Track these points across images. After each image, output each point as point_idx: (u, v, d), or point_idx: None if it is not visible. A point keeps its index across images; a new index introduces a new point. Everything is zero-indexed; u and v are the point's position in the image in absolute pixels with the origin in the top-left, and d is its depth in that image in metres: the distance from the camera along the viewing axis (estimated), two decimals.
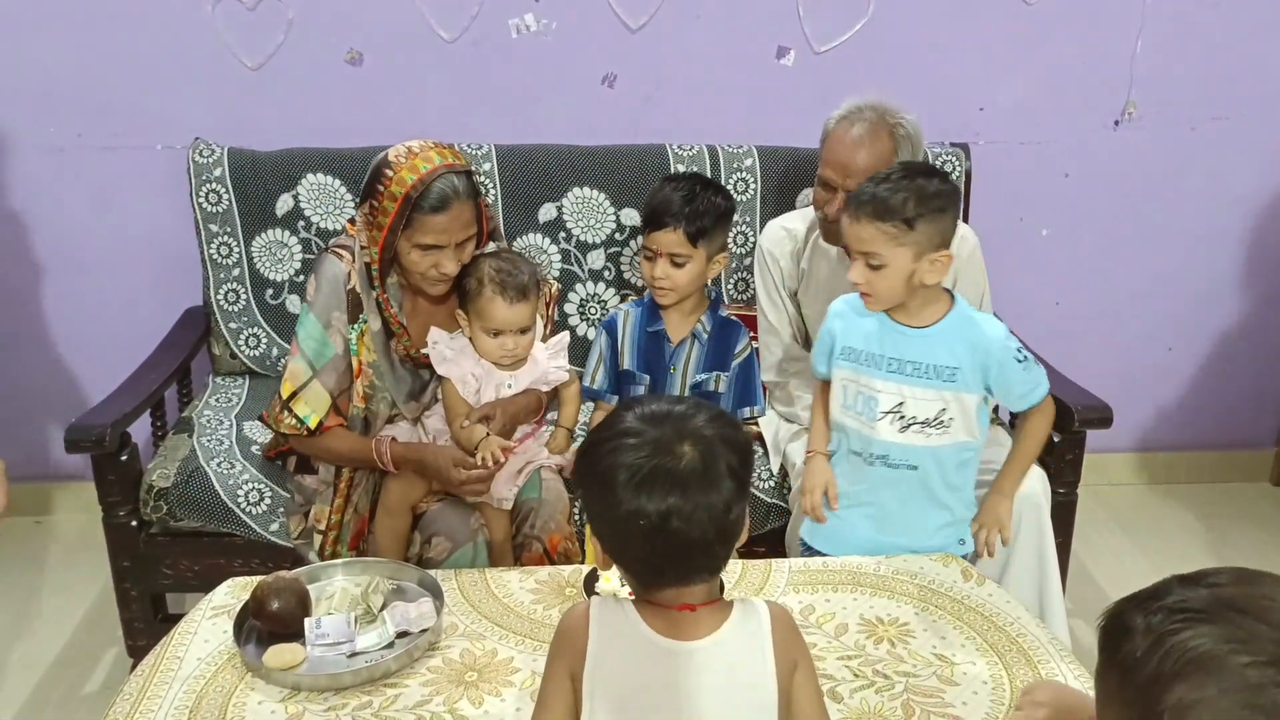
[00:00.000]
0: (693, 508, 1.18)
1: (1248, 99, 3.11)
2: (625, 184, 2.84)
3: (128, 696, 1.65)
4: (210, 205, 2.79)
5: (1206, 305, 3.32)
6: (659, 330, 2.36)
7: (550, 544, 2.22)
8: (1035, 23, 3.00)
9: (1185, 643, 0.79)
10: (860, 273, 1.94)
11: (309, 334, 2.15)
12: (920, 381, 1.98)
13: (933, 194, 1.90)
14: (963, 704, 1.63)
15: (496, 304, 2.13)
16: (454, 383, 2.18)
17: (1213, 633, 0.79)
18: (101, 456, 2.33)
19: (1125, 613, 0.87)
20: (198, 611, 1.85)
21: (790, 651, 1.31)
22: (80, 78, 2.90)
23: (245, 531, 2.41)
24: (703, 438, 1.21)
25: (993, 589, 1.92)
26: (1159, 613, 0.83)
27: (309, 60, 2.92)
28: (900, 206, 1.89)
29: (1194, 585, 0.86)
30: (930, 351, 1.98)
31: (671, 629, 1.26)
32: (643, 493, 1.18)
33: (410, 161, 2.06)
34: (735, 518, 1.23)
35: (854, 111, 2.30)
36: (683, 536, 1.18)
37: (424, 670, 1.71)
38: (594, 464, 1.23)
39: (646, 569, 1.25)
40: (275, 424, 2.19)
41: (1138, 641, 0.82)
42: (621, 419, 1.25)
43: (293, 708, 1.63)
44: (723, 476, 1.20)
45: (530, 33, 2.94)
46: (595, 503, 1.24)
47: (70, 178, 2.98)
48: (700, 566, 1.24)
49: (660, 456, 1.19)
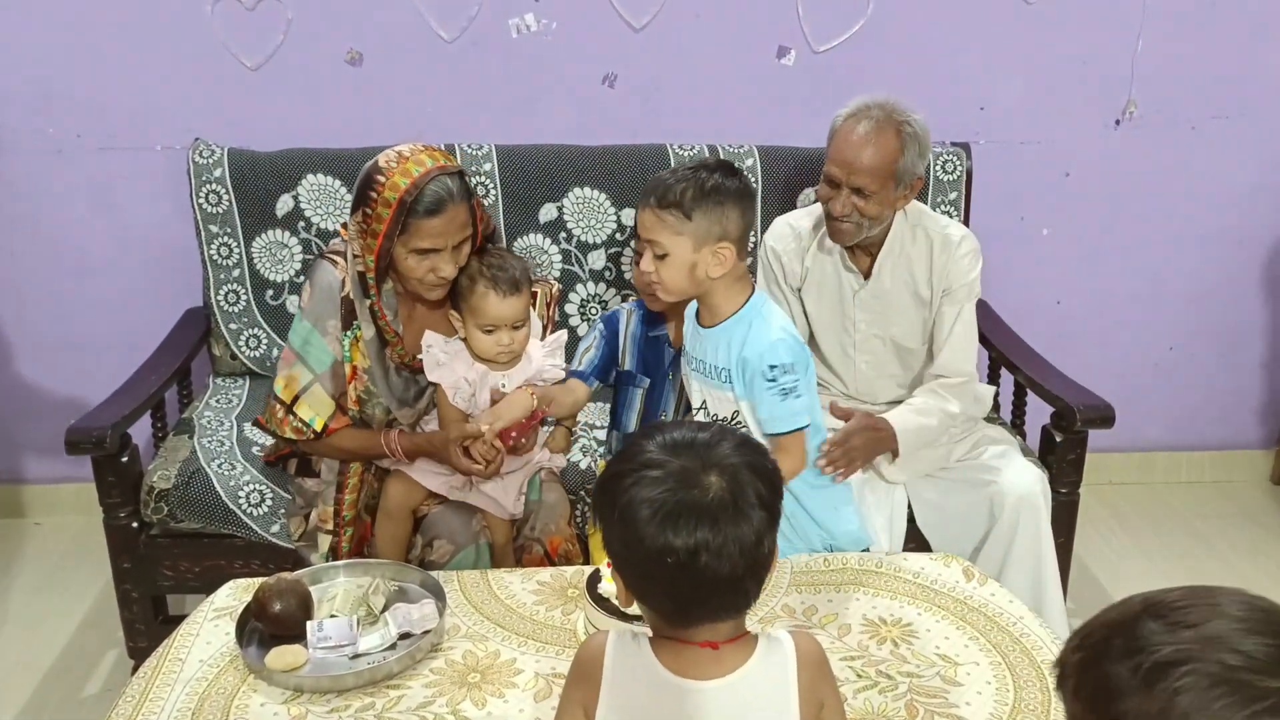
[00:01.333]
0: (722, 541, 1.11)
1: (1248, 98, 3.11)
2: (626, 184, 2.83)
3: (130, 698, 1.64)
4: (210, 206, 2.78)
5: (1207, 305, 3.32)
6: (661, 335, 2.33)
7: (551, 546, 2.21)
8: (1036, 22, 3.00)
9: (1193, 702, 0.81)
10: (648, 261, 1.94)
11: (305, 340, 2.14)
12: (712, 381, 2.00)
13: (712, 188, 1.90)
14: (966, 704, 1.63)
15: (489, 299, 2.10)
16: (446, 389, 2.15)
17: (1203, 683, 0.81)
18: (102, 458, 2.32)
19: (1106, 664, 0.86)
20: (199, 613, 1.85)
21: (816, 691, 1.25)
22: (80, 78, 2.89)
23: (246, 533, 2.40)
24: (729, 467, 1.15)
25: (995, 589, 1.92)
26: (1156, 671, 0.83)
27: (309, 60, 2.92)
28: (679, 197, 1.89)
29: (1167, 625, 0.85)
30: (713, 351, 1.98)
31: (690, 668, 1.19)
32: (668, 528, 1.11)
33: (402, 166, 2.03)
34: (767, 550, 1.17)
35: (862, 109, 2.30)
36: (712, 573, 1.12)
37: (426, 672, 1.70)
38: (614, 498, 1.16)
39: (673, 608, 1.19)
40: (279, 428, 2.18)
41: (1140, 702, 0.83)
42: (642, 449, 1.18)
43: (295, 709, 1.63)
44: (753, 507, 1.14)
45: (530, 32, 2.93)
46: (616, 539, 1.17)
47: (70, 178, 2.98)
48: (729, 604, 1.18)
49: (686, 489, 1.13)
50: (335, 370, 2.15)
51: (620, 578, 1.21)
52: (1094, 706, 0.88)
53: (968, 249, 2.38)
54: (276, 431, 2.19)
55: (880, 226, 2.34)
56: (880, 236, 2.38)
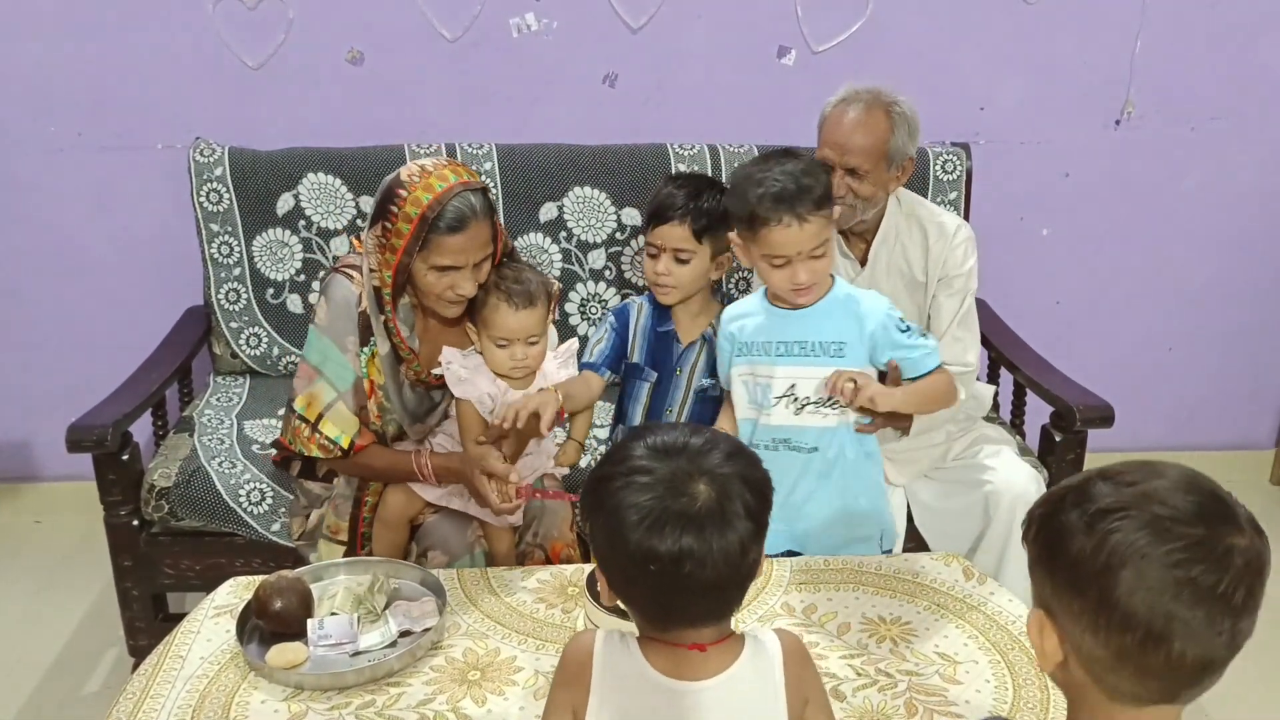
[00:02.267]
0: (707, 550, 1.12)
1: (1247, 99, 3.12)
2: (626, 183, 2.84)
3: (130, 695, 1.64)
4: (211, 205, 2.79)
5: (1207, 305, 3.33)
6: (669, 330, 2.35)
7: (553, 551, 2.20)
8: (1035, 22, 3.00)
9: (1122, 540, 0.98)
10: (810, 271, 1.96)
11: (325, 357, 2.09)
12: (809, 360, 2.00)
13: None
14: (965, 702, 1.63)
15: (502, 311, 2.07)
16: (472, 403, 2.13)
17: (1132, 526, 0.98)
18: (103, 456, 2.32)
19: (1061, 515, 1.03)
20: (200, 611, 1.85)
21: (802, 688, 1.26)
22: (81, 77, 2.90)
23: (247, 531, 2.40)
24: (719, 475, 1.15)
25: (995, 588, 1.92)
26: (1097, 516, 1.00)
27: (310, 59, 2.92)
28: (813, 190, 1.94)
29: (1113, 484, 1.02)
30: (816, 328, 2.00)
31: (678, 668, 1.20)
32: (654, 534, 1.12)
33: (425, 180, 1.99)
34: (752, 560, 1.17)
35: (850, 95, 2.32)
36: (696, 581, 1.13)
37: (427, 669, 1.71)
38: (602, 500, 1.16)
39: (655, 611, 1.20)
40: (305, 447, 2.12)
41: (1082, 541, 0.99)
42: (631, 451, 1.18)
43: (296, 707, 1.63)
44: (739, 517, 1.14)
45: (531, 32, 2.94)
46: (603, 541, 1.17)
47: (71, 177, 2.98)
48: (712, 611, 1.19)
49: (673, 496, 1.13)
50: (357, 386, 2.10)
51: (604, 576, 1.21)
52: (1049, 549, 1.04)
53: (963, 237, 2.39)
54: (303, 450, 2.13)
55: (874, 209, 2.35)
56: (875, 222, 2.39)
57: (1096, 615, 0.98)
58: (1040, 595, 1.06)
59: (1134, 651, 0.97)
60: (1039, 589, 1.06)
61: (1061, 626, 1.03)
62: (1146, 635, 0.96)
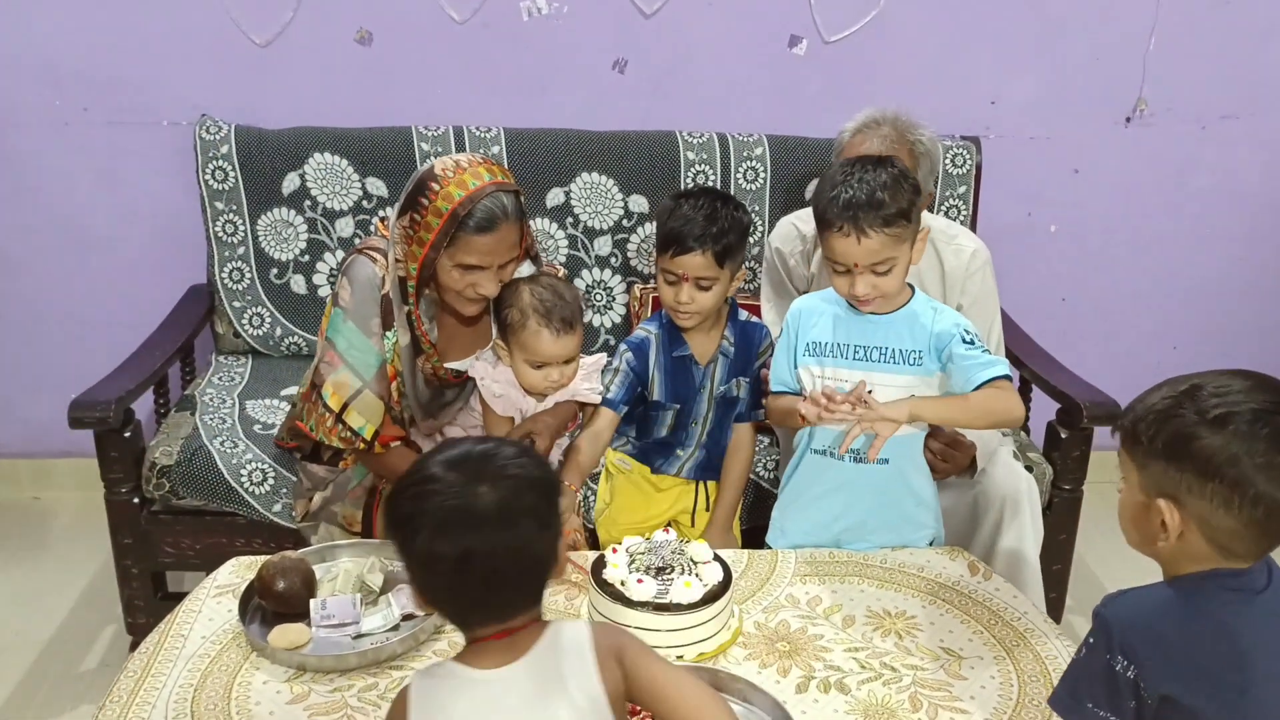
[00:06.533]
0: (490, 548, 1.17)
1: (1258, 98, 3.11)
2: (634, 170, 2.82)
3: (131, 674, 1.64)
4: (216, 183, 2.77)
5: (1213, 304, 3.32)
6: (685, 355, 2.28)
7: None
8: (1048, 18, 2.99)
9: (1248, 431, 1.21)
10: (869, 285, 1.90)
11: (350, 343, 2.06)
12: (886, 367, 1.96)
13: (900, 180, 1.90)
14: (970, 697, 1.63)
15: (542, 337, 2.02)
16: (499, 412, 2.12)
17: (1249, 422, 1.22)
18: (105, 433, 2.31)
19: (1179, 417, 1.25)
20: (202, 590, 1.84)
21: (613, 645, 1.27)
22: (87, 53, 2.87)
23: (248, 511, 2.39)
24: (503, 478, 1.20)
25: (1000, 583, 1.92)
26: (1217, 417, 1.22)
27: (318, 38, 2.90)
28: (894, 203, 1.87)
29: (1213, 392, 1.25)
30: (896, 336, 1.96)
31: (487, 660, 1.23)
32: (440, 536, 1.17)
33: (458, 176, 1.96)
34: (540, 554, 1.22)
35: (870, 125, 2.26)
36: (485, 577, 1.19)
37: (429, 653, 1.70)
38: (395, 511, 1.22)
39: (457, 609, 1.25)
40: (326, 437, 2.09)
41: (1209, 437, 1.22)
42: (424, 466, 1.24)
43: (298, 688, 1.62)
44: (522, 514, 1.20)
45: (542, 15, 2.92)
46: (401, 551, 1.22)
47: (76, 153, 2.96)
48: (509, 604, 1.23)
49: (457, 499, 1.19)
50: (382, 371, 2.08)
51: (411, 586, 1.26)
52: (1174, 446, 1.24)
53: (981, 262, 2.36)
54: (324, 440, 2.11)
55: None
56: None
57: (1230, 495, 1.21)
58: (1161, 485, 1.26)
59: (1262, 520, 1.22)
60: (1158, 480, 1.27)
61: (1186, 507, 1.25)
62: (1271, 508, 1.21)
